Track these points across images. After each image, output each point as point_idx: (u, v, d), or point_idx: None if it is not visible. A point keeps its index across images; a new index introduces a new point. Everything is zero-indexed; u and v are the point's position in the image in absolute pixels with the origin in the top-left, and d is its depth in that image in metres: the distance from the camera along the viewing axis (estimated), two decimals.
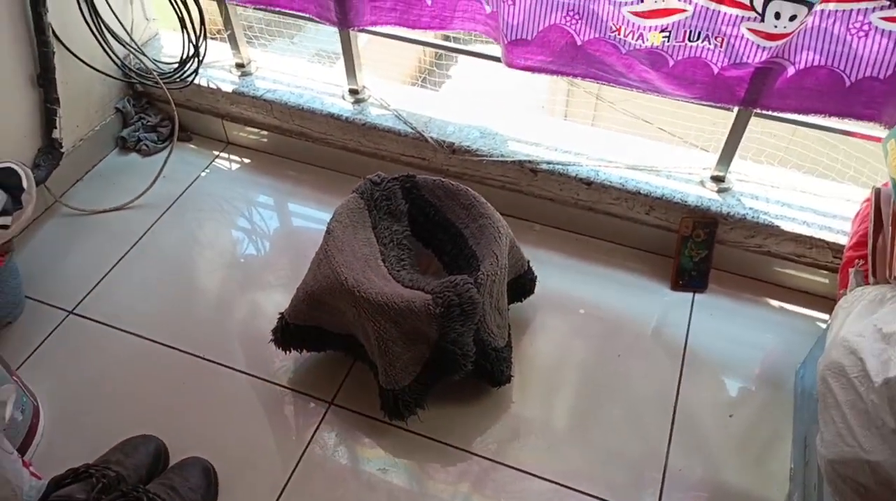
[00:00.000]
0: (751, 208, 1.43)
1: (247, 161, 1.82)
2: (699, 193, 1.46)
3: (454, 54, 1.99)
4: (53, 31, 1.51)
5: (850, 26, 1.09)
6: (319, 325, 1.27)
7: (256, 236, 1.64)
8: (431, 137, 1.59)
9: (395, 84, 1.79)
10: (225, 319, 1.44)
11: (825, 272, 1.44)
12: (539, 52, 1.34)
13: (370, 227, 1.30)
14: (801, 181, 1.49)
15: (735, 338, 1.40)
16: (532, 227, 1.64)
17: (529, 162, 1.53)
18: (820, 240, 1.38)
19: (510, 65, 1.39)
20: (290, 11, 1.54)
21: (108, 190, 1.70)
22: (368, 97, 1.68)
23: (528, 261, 1.40)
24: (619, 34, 1.24)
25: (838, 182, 1.49)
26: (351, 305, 1.16)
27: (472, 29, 1.41)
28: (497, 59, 1.42)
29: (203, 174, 1.77)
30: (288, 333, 1.29)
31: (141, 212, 1.66)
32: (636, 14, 1.20)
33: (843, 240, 1.36)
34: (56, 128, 1.56)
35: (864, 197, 1.19)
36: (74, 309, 1.45)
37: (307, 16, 1.52)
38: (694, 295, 1.48)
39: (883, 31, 1.07)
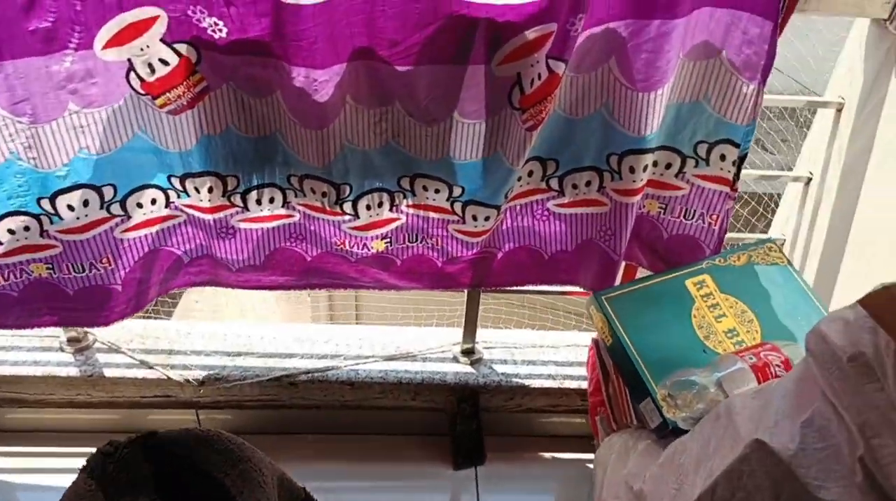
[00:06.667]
0: (503, 373, 1.52)
1: None
2: (455, 369, 1.53)
3: None
4: None
5: (535, 214, 1.27)
6: None
7: None
8: (174, 373, 1.46)
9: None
10: None
11: (582, 414, 1.56)
12: (271, 274, 1.33)
13: None
14: (538, 337, 1.63)
15: None
16: (305, 438, 1.56)
17: (287, 376, 1.48)
18: (566, 388, 1.51)
19: (243, 288, 1.36)
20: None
21: None
22: (94, 342, 1.51)
23: (304, 489, 1.30)
24: (344, 247, 1.29)
25: (566, 331, 1.68)
26: None
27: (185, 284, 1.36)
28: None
29: None
30: None
31: None
32: (356, 228, 1.27)
33: (585, 384, 1.50)
34: None
35: (588, 341, 1.32)
36: None
37: None
38: (476, 470, 1.50)
39: (559, 215, 1.27)
